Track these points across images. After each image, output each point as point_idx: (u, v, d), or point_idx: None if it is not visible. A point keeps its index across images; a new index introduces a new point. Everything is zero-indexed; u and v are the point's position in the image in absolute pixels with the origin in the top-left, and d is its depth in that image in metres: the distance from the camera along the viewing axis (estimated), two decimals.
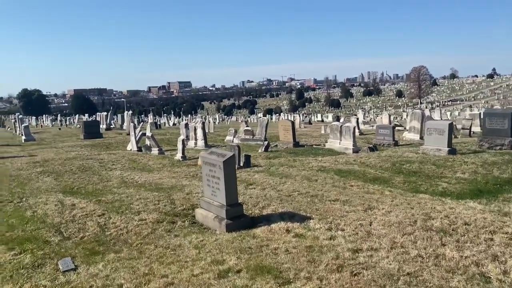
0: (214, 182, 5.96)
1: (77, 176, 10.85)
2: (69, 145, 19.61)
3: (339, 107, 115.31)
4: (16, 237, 5.95)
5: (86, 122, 25.37)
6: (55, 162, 13.16)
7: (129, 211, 6.88)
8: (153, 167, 12.19)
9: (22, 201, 8.21)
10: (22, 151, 17.31)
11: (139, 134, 17.84)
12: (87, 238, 5.75)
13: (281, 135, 17.39)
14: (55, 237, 5.87)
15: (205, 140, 17.97)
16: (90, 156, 14.45)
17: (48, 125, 47.85)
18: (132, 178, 10.31)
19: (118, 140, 21.75)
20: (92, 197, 8.26)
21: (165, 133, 27.20)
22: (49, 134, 28.62)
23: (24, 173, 11.32)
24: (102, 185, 9.58)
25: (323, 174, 9.56)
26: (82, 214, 6.84)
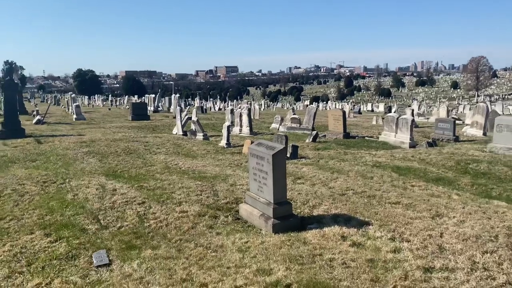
0: (261, 177, 5.39)
1: (121, 158, 10.69)
2: (117, 125, 19.82)
3: (390, 96, 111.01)
4: (54, 222, 5.72)
5: (134, 104, 25.65)
6: (101, 143, 13.16)
7: (171, 200, 6.48)
8: (197, 153, 11.84)
9: (65, 182, 8.07)
10: (72, 130, 17.63)
11: (185, 118, 17.64)
12: (125, 229, 5.39)
13: (330, 124, 16.53)
14: (92, 225, 5.57)
15: (250, 127, 17.47)
16: (136, 138, 14.38)
17: (99, 104, 49.41)
18: (176, 164, 9.99)
19: (165, 123, 21.75)
20: (134, 182, 7.98)
21: (211, 117, 27.03)
22: (99, 114, 29.32)
23: (71, 153, 11.34)
24: (145, 170, 9.32)
25: (379, 170, 8.74)
26: (122, 201, 6.52)
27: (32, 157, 10.86)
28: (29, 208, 6.38)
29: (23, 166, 9.69)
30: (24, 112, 26.88)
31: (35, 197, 7.01)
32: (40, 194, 7.21)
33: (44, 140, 14.07)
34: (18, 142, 13.45)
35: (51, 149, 12.07)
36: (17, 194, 7.15)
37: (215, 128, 19.95)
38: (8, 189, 7.50)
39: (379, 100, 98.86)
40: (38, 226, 5.56)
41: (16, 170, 9.21)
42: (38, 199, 6.86)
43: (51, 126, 19.62)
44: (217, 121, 23.72)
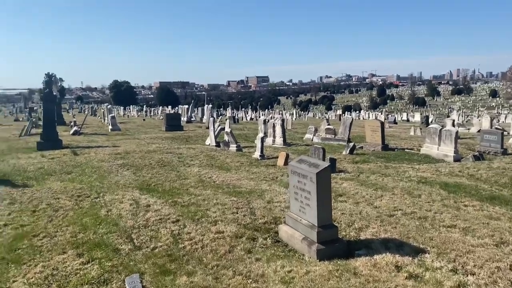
0: (303, 197, 4.99)
1: (155, 171, 10.54)
2: (151, 136, 19.91)
3: (424, 106, 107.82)
4: (87, 240, 5.52)
5: (168, 115, 25.81)
6: (135, 154, 13.13)
7: (206, 219, 6.17)
8: (231, 165, 11.56)
9: (99, 196, 7.95)
10: (107, 141, 17.82)
11: (217, 129, 17.47)
12: (159, 250, 5.11)
13: (367, 136, 15.90)
14: (125, 245, 5.32)
15: (283, 138, 17.08)
16: (169, 150, 14.28)
17: (134, 115, 50.39)
18: (210, 177, 9.73)
19: (198, 133, 21.71)
20: (168, 197, 7.75)
21: (243, 128, 26.84)
22: (134, 124, 29.75)
23: (105, 165, 11.31)
24: (179, 183, 9.10)
25: (426, 187, 8.12)
26: (156, 219, 6.27)
27: (68, 169, 10.90)
28: (63, 224, 6.24)
29: (58, 179, 9.69)
30: (62, 123, 27.65)
31: (69, 212, 6.89)
32: (74, 209, 7.08)
33: (80, 151, 14.20)
34: (55, 154, 13.62)
35: (86, 161, 12.11)
36: (51, 209, 7.06)
37: (248, 138, 19.70)
38: (43, 203, 7.44)
39: (413, 109, 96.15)
40: (71, 245, 5.38)
41: (52, 183, 9.20)
42: (72, 215, 6.73)
43: (87, 137, 19.95)
44: (249, 132, 23.49)
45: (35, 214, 6.81)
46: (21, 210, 7.08)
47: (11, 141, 18.71)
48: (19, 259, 4.97)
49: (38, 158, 12.70)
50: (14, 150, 15.05)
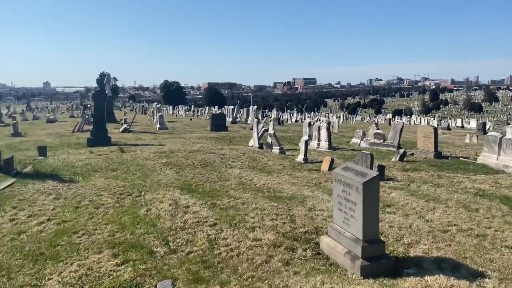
0: (347, 208, 4.62)
1: (197, 171, 10.49)
2: (196, 136, 20.07)
3: (481, 112, 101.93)
4: (123, 240, 5.46)
5: (213, 115, 26.00)
6: (179, 154, 13.20)
7: (243, 224, 5.94)
8: (273, 168, 11.29)
9: (141, 195, 7.96)
10: (154, 139, 18.14)
11: (261, 130, 17.27)
12: (194, 255, 4.93)
13: (419, 142, 15.04)
14: (161, 247, 5.20)
15: (329, 142, 16.56)
16: (213, 150, 14.26)
17: (182, 114, 51.44)
18: (251, 180, 9.51)
19: (242, 134, 21.64)
20: (208, 199, 7.61)
21: (287, 130, 26.49)
22: (181, 123, 30.27)
23: (150, 164, 11.42)
24: (220, 185, 8.96)
25: (485, 201, 7.42)
26: (194, 221, 6.13)
27: (114, 166, 11.10)
28: (102, 222, 6.25)
29: (103, 176, 9.87)
30: (113, 120, 28.66)
31: (110, 210, 6.92)
32: (114, 207, 7.11)
33: (127, 149, 14.51)
34: (103, 150, 14.00)
35: (132, 158, 12.32)
36: (93, 206, 7.12)
37: (292, 141, 19.34)
38: (86, 200, 7.54)
39: (469, 115, 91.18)
40: (107, 244, 5.33)
41: (97, 180, 9.38)
42: (112, 213, 6.74)
43: (135, 135, 20.45)
44: (293, 134, 23.11)
45: (77, 211, 6.90)
46: (65, 205, 7.21)
47: (64, 136, 19.56)
48: (57, 256, 4.98)
49: (87, 154, 13.09)
50: (66, 146, 15.65)
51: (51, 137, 19.42)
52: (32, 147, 14.98)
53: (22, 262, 4.82)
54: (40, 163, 11.32)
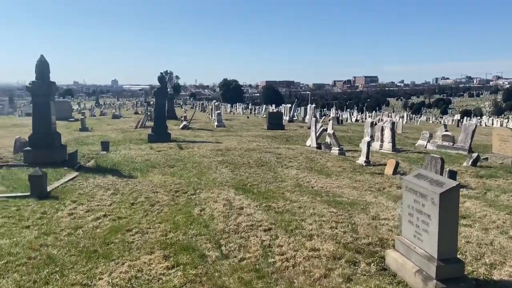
0: (420, 220, 4.06)
1: (252, 170, 10.24)
2: (253, 134, 19.92)
3: None
4: (175, 241, 5.28)
5: (270, 113, 25.75)
6: (235, 152, 13.05)
7: (300, 231, 5.54)
8: (332, 170, 10.74)
9: (196, 193, 7.83)
10: (211, 137, 18.23)
11: (319, 130, 16.69)
12: (247, 262, 4.62)
13: (494, 146, 13.70)
14: (213, 251, 4.95)
15: (393, 143, 15.61)
16: (269, 149, 13.97)
17: (240, 112, 51.88)
18: (308, 182, 9.08)
19: (299, 133, 21.17)
20: (263, 200, 7.30)
21: (347, 129, 25.57)
22: (238, 121, 30.37)
23: (206, 161, 11.36)
24: (275, 186, 8.62)
25: None
26: (248, 224, 5.83)
27: (171, 162, 11.16)
28: (156, 221, 6.15)
29: (161, 172, 9.91)
30: (174, 117, 29.40)
31: (164, 208, 6.83)
32: (169, 205, 7.02)
33: (185, 145, 14.64)
34: (162, 146, 14.23)
35: (189, 155, 12.35)
36: (148, 203, 7.09)
37: (352, 141, 18.54)
38: (142, 196, 7.54)
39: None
40: (159, 244, 5.19)
41: (154, 176, 9.42)
42: (166, 211, 6.64)
43: (194, 132, 20.73)
44: (353, 134, 22.21)
45: (132, 207, 6.88)
46: (122, 201, 7.24)
47: (127, 132, 20.27)
48: (109, 254, 4.91)
49: (147, 150, 13.35)
50: (128, 141, 16.14)
51: (115, 132, 20.21)
52: (96, 141, 15.60)
53: (76, 258, 4.79)
54: (102, 158, 11.67)
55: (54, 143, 10.67)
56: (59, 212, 6.55)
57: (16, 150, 11.93)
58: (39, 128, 10.56)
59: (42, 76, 10.44)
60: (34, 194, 7.21)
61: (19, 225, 5.92)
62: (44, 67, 10.47)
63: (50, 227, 5.83)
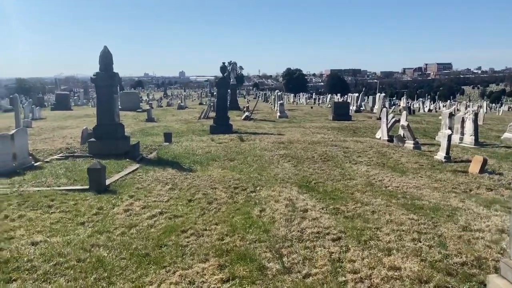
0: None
1: (317, 166, 9.49)
2: (317, 125, 19.03)
3: None
4: (232, 248, 4.74)
5: (336, 103, 24.57)
6: (298, 145, 12.34)
7: (376, 243, 4.74)
8: (407, 166, 9.66)
9: (255, 190, 7.28)
10: (273, 128, 17.64)
11: (391, 121, 15.40)
12: (312, 280, 3.95)
13: None
14: (273, 262, 4.34)
15: (475, 136, 13.94)
16: (335, 142, 13.08)
17: (303, 102, 50.80)
18: (380, 180, 8.15)
19: (367, 124, 19.89)
20: (329, 201, 6.56)
21: (420, 120, 23.69)
22: (301, 112, 29.50)
23: (267, 155, 10.78)
24: (343, 184, 7.82)
25: None
26: (313, 232, 5.14)
27: (232, 155, 10.74)
28: (213, 221, 5.67)
29: (220, 166, 9.50)
30: (237, 108, 29.25)
31: (222, 206, 6.34)
32: (227, 203, 6.52)
33: (246, 137, 14.20)
34: (223, 138, 13.90)
35: (250, 148, 11.86)
36: (206, 201, 6.65)
37: (426, 134, 17.00)
38: (200, 192, 7.13)
39: None
40: (215, 250, 4.68)
41: (214, 170, 9.02)
42: (224, 211, 6.15)
43: (256, 123, 20.29)
44: (428, 126, 20.48)
45: (189, 204, 6.48)
46: (179, 197, 6.88)
47: (191, 123, 20.33)
48: (161, 260, 4.48)
49: (208, 142, 13.08)
50: (191, 132, 16.07)
51: (179, 123, 20.36)
52: (160, 132, 15.68)
53: (126, 263, 4.43)
54: (164, 150, 11.55)
55: (117, 134, 10.69)
56: (115, 208, 6.32)
57: (83, 140, 12.21)
58: (103, 119, 10.62)
59: (105, 67, 10.45)
60: (92, 187, 7.08)
61: (74, 221, 5.74)
62: (108, 58, 10.47)
63: (104, 225, 5.57)
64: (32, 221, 5.70)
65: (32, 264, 4.34)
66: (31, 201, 6.55)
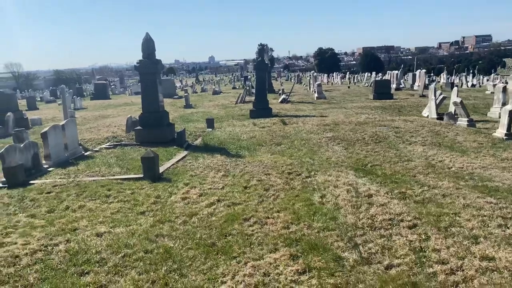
0: None
1: (369, 148, 9.10)
2: (358, 105, 18.43)
3: None
4: (300, 236, 4.52)
5: (377, 81, 23.70)
6: (345, 126, 11.92)
7: (458, 230, 4.39)
8: (465, 145, 9.11)
9: (311, 175, 7.02)
10: (314, 110, 17.21)
11: (439, 98, 14.68)
12: (397, 272, 3.67)
13: None
14: (349, 252, 4.09)
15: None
16: (382, 122, 12.56)
17: (338, 82, 49.60)
18: (441, 161, 7.69)
19: (410, 103, 19.08)
20: (392, 185, 6.22)
21: (466, 96, 22.52)
22: (338, 92, 28.75)
23: (314, 138, 10.46)
24: (402, 166, 7.43)
25: None
26: (384, 218, 4.84)
27: (277, 140, 10.49)
28: (274, 209, 5.47)
29: (268, 151, 9.28)
30: (271, 91, 28.83)
31: (280, 193, 6.12)
32: (284, 189, 6.30)
33: (288, 120, 13.89)
34: (265, 122, 13.66)
35: (295, 131, 11.56)
36: (262, 187, 6.45)
37: (476, 110, 16.11)
38: (254, 179, 6.93)
39: None
40: (283, 239, 4.47)
41: (263, 155, 8.82)
42: (283, 197, 5.93)
43: (294, 105, 19.89)
44: (476, 101, 19.44)
45: (246, 191, 6.31)
46: (234, 184, 6.72)
47: (228, 108, 20.18)
48: (229, 250, 4.33)
49: (250, 127, 12.87)
50: (230, 117, 15.92)
51: (217, 108, 20.26)
52: (201, 118, 15.63)
53: (193, 253, 4.30)
54: (208, 136, 11.44)
55: (162, 121, 10.65)
56: (173, 196, 6.23)
57: (128, 129, 12.28)
58: (148, 107, 10.59)
59: (148, 54, 10.35)
60: (147, 176, 7.03)
61: (134, 210, 5.69)
62: (150, 45, 10.36)
63: (164, 214, 5.49)
64: (93, 212, 5.69)
65: (101, 256, 4.29)
66: (88, 191, 6.57)
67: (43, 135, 8.38)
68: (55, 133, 8.61)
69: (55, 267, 4.09)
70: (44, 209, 5.84)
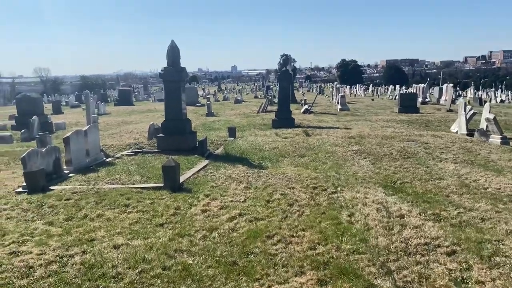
0: None
1: (398, 163, 8.71)
2: (383, 119, 17.97)
3: None
4: (328, 259, 4.21)
5: (403, 94, 23.18)
6: (371, 140, 11.54)
7: (503, 260, 3.99)
8: (500, 164, 8.62)
9: (337, 191, 6.69)
10: (337, 122, 16.86)
11: (469, 113, 14.12)
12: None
13: None
14: (382, 280, 3.76)
15: None
16: (410, 137, 12.12)
17: (361, 94, 48.98)
18: (475, 181, 7.26)
19: (438, 117, 18.51)
20: (425, 205, 5.84)
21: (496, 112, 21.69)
22: (362, 104, 28.27)
23: (340, 151, 10.12)
24: (433, 185, 7.03)
25: None
26: (420, 243, 4.48)
27: (301, 151, 10.20)
28: (299, 226, 5.17)
29: (292, 163, 9.00)
30: (294, 101, 28.60)
31: (305, 209, 5.83)
32: (310, 205, 6.00)
33: (311, 132, 13.59)
34: (288, 133, 13.39)
35: (319, 143, 11.25)
36: (286, 202, 6.16)
37: (509, 127, 15.43)
38: (278, 192, 6.65)
39: None
40: (309, 262, 4.17)
41: (286, 167, 8.54)
42: (308, 214, 5.63)
43: (317, 116, 19.58)
44: (507, 117, 18.70)
45: (269, 206, 6.03)
46: (256, 197, 6.45)
47: (250, 117, 20.01)
48: (251, 270, 4.06)
49: (273, 137, 12.63)
50: (252, 126, 15.72)
51: (239, 117, 20.12)
52: (222, 127, 15.49)
53: (213, 272, 4.04)
54: (230, 145, 11.24)
55: (185, 129, 10.52)
56: (193, 208, 6.01)
57: (150, 136, 12.21)
58: (171, 115, 10.48)
59: (173, 62, 10.27)
60: (167, 185, 6.84)
61: (153, 221, 5.48)
62: (175, 53, 10.28)
63: (184, 227, 5.26)
64: (111, 221, 5.51)
65: (117, 271, 4.07)
66: (107, 199, 6.42)
67: (65, 140, 8.33)
68: (77, 138, 8.55)
69: (69, 281, 3.90)
70: (62, 217, 5.70)
